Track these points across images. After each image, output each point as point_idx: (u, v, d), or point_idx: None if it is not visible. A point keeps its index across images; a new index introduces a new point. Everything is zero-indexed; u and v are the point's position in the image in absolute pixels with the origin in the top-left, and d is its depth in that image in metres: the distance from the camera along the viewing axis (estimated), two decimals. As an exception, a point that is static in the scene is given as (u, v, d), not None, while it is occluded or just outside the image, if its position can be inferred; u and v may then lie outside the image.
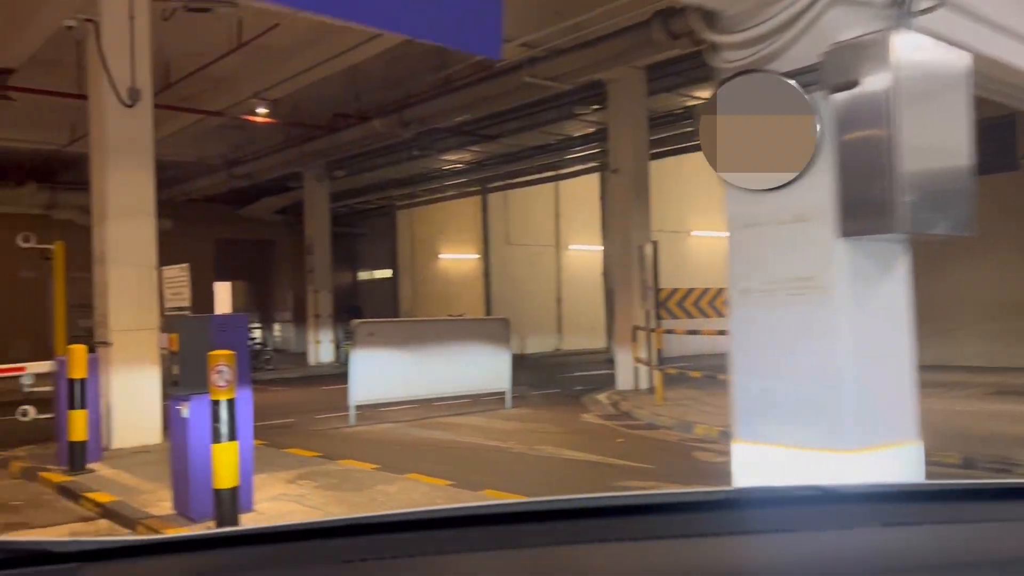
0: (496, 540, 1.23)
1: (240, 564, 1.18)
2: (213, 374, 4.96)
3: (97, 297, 8.67)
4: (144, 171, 8.68)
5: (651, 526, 1.29)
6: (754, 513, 1.38)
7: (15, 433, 9.54)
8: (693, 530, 1.27)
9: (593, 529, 1.26)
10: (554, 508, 1.29)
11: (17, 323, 22.10)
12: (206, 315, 5.83)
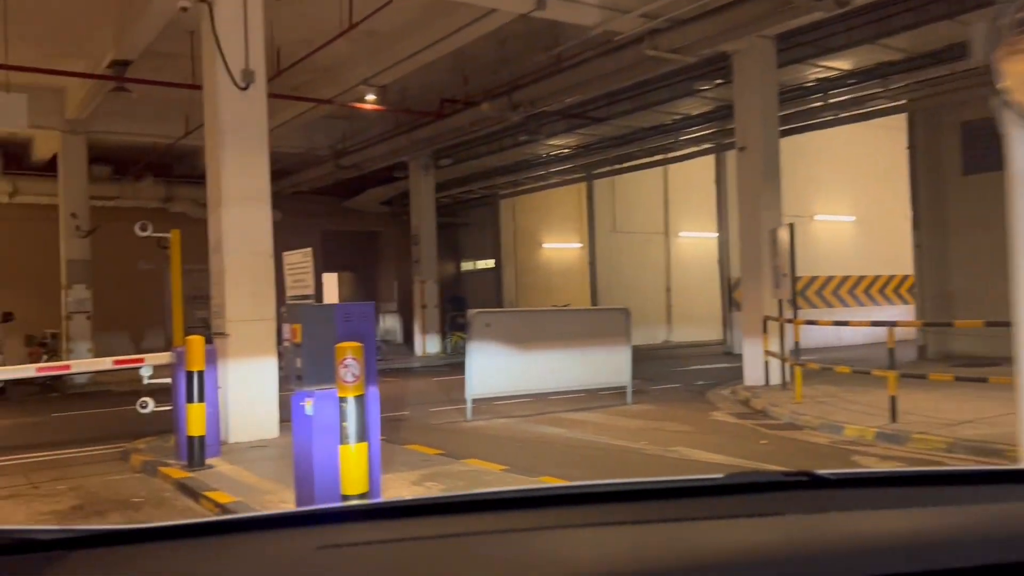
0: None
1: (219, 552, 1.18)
2: (340, 368, 4.48)
3: (214, 286, 8.44)
4: (258, 155, 8.39)
5: (646, 511, 1.34)
6: (743, 498, 1.42)
7: (135, 424, 9.49)
8: (688, 514, 1.32)
9: (596, 513, 1.32)
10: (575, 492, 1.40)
11: (135, 315, 22.78)
12: (330, 304, 5.39)
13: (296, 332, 5.22)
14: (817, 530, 1.24)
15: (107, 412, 12.15)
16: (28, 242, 21.04)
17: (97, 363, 7.06)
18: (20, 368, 8.13)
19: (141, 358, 7.41)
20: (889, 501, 1.38)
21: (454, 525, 1.29)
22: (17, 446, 9.08)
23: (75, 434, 10.25)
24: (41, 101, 16.08)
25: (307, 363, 5.08)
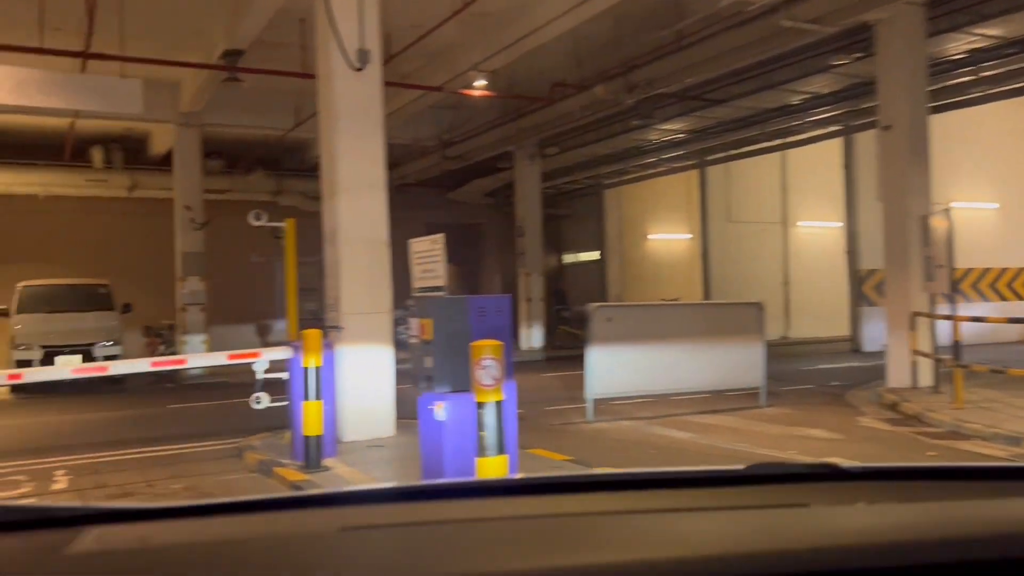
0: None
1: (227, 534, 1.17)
2: (477, 369, 3.93)
3: (328, 278, 8.09)
4: (374, 139, 7.97)
5: (673, 499, 1.34)
6: (767, 488, 1.42)
7: (249, 418, 9.27)
8: (711, 504, 1.32)
9: (622, 500, 1.33)
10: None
11: (247, 308, 23.14)
12: (463, 297, 4.85)
13: (426, 328, 4.71)
14: (839, 520, 1.23)
15: (221, 405, 12.11)
16: (146, 235, 21.60)
17: (212, 357, 6.78)
18: (136, 362, 7.99)
19: (256, 352, 7.09)
20: (915, 494, 1.37)
21: (480, 509, 1.28)
22: (134, 439, 8.99)
23: (190, 428, 10.16)
24: (157, 94, 16.31)
25: (438, 362, 4.56)
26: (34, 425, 10.66)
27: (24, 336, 14.38)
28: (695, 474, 1.49)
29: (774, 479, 1.45)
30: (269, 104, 16.92)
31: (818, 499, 1.33)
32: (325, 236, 8.10)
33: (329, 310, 8.07)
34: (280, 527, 1.19)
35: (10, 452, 8.57)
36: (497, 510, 1.27)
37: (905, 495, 1.35)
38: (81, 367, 6.45)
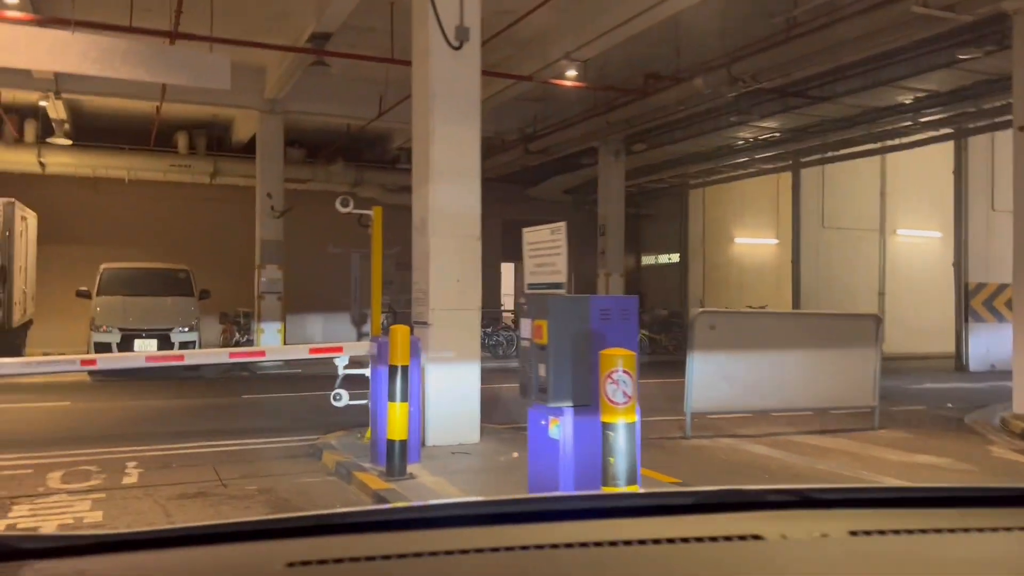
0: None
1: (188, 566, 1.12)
2: (608, 383, 3.31)
3: (416, 270, 7.58)
4: (470, 123, 7.43)
5: (602, 531, 1.22)
6: (725, 518, 1.32)
7: (326, 413, 8.87)
8: (654, 535, 1.21)
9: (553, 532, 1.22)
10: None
11: (322, 298, 23.03)
12: (584, 296, 4.23)
13: (541, 331, 4.10)
14: (798, 558, 1.18)
15: (296, 397, 11.79)
16: (226, 222, 21.68)
17: (292, 351, 6.36)
18: (213, 352, 7.62)
19: (338, 347, 6.62)
20: (895, 525, 1.27)
21: (444, 540, 1.19)
22: (207, 431, 8.66)
23: (264, 421, 9.82)
24: (242, 80, 16.16)
25: (554, 371, 3.95)
26: (108, 410, 10.48)
27: (103, 318, 14.36)
28: (639, 499, 1.39)
29: (727, 507, 1.35)
30: (353, 92, 16.63)
31: (775, 530, 1.23)
32: (414, 226, 7.60)
33: (416, 304, 7.56)
34: (223, 561, 1.13)
35: (84, 438, 8.32)
36: (621, 532, 1.20)
37: (880, 526, 1.24)
38: (155, 355, 6.08)
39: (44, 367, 5.49)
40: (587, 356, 3.53)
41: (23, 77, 14.43)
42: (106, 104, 17.98)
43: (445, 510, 1.37)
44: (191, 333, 14.79)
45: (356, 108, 16.87)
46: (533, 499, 1.41)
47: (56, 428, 9.02)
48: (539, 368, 4.09)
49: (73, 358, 5.82)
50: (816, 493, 1.40)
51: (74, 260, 18.86)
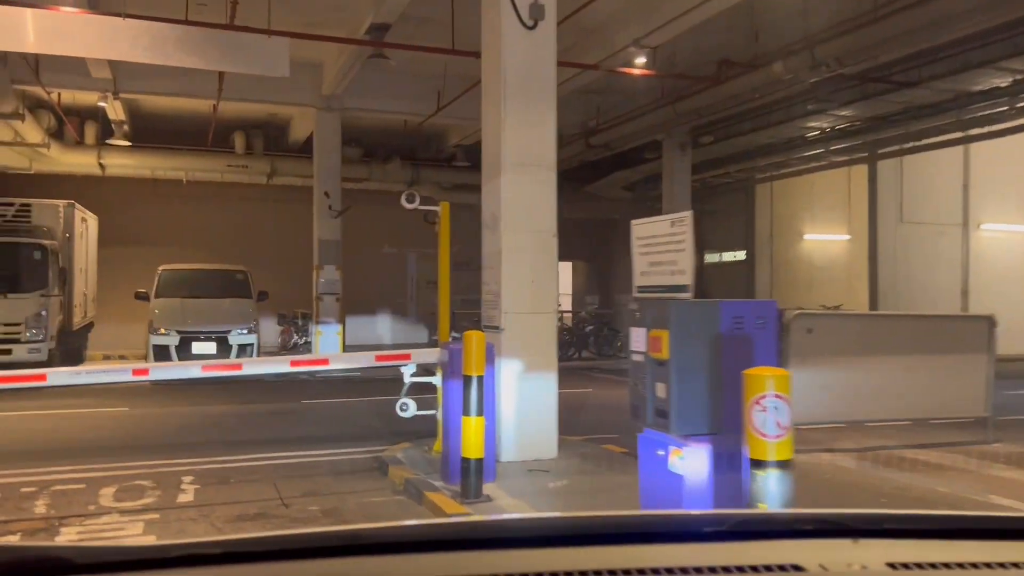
0: None
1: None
2: (755, 410, 2.69)
3: (486, 270, 7.01)
4: (545, 110, 6.84)
5: (632, 557, 1.19)
6: (761, 546, 1.28)
7: (389, 419, 8.37)
8: (689, 562, 1.18)
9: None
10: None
11: (379, 299, 22.73)
12: (711, 301, 3.60)
13: (660, 343, 3.47)
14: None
15: (357, 402, 11.35)
16: (283, 222, 21.51)
17: (357, 358, 5.85)
18: (274, 361, 7.17)
19: (406, 354, 6.09)
20: (940, 556, 1.24)
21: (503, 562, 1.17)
22: (265, 441, 8.23)
23: (325, 428, 9.37)
24: (299, 76, 15.81)
25: (677, 391, 3.32)
26: (166, 416, 10.16)
27: (161, 320, 14.16)
28: (666, 524, 1.35)
29: (762, 535, 1.31)
30: (410, 88, 16.19)
31: (814, 560, 1.19)
32: (484, 223, 7.02)
33: (487, 308, 6.99)
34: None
35: (140, 448, 7.96)
36: (654, 558, 1.16)
37: (919, 558, 1.20)
38: (212, 364, 5.62)
39: (94, 377, 5.06)
40: (718, 374, 2.90)
41: (82, 77, 14.31)
42: (164, 104, 17.89)
43: (504, 529, 1.33)
44: (250, 335, 14.50)
45: (414, 104, 16.43)
46: (553, 519, 1.46)
47: (112, 436, 8.69)
48: (657, 387, 3.45)
49: (125, 367, 5.39)
50: (852, 521, 1.37)
51: (134, 262, 18.82)
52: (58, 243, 14.09)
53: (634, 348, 3.75)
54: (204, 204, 21.08)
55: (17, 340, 12.83)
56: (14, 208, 14.12)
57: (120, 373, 5.30)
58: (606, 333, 18.84)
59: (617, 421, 9.21)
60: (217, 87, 14.05)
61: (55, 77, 14.15)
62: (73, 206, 15.06)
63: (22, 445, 8.12)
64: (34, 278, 13.17)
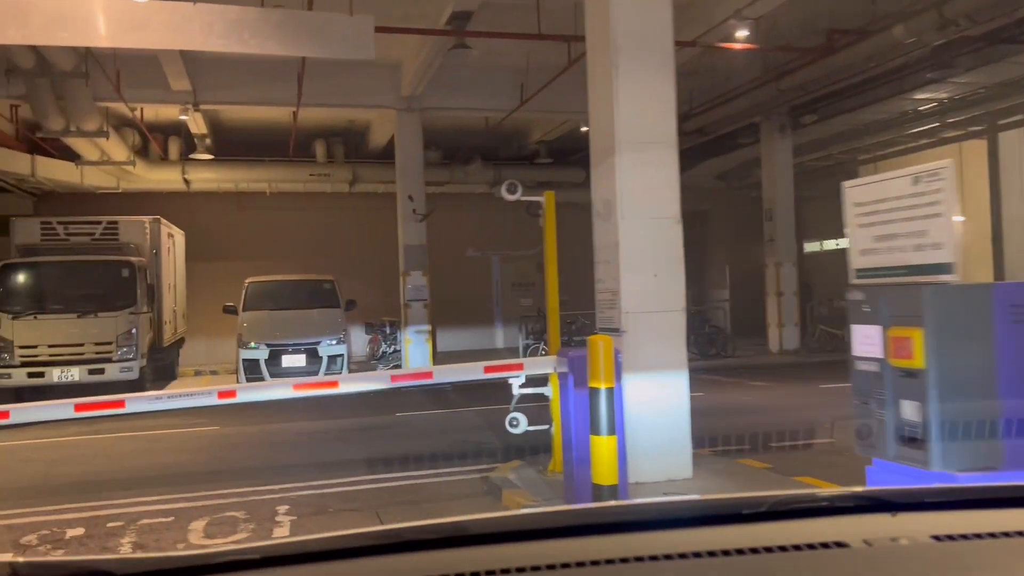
0: None
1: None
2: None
3: (600, 265, 6.20)
4: (663, 78, 5.99)
5: (682, 541, 1.20)
6: (793, 525, 1.29)
7: (493, 434, 7.69)
8: (733, 544, 1.18)
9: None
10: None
11: (463, 305, 22.17)
12: (978, 286, 2.71)
13: (908, 345, 2.58)
14: (890, 564, 1.15)
15: (453, 414, 10.71)
16: (367, 230, 21.18)
17: (464, 370, 5.13)
18: (371, 376, 6.54)
19: (518, 364, 5.35)
20: (984, 526, 1.24)
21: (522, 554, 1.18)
22: (363, 461, 7.61)
23: (425, 444, 8.72)
24: (378, 78, 15.44)
25: (939, 412, 2.45)
26: (255, 435, 9.70)
27: (250, 334, 13.85)
28: (696, 508, 1.36)
29: (800, 513, 1.32)
30: (491, 83, 15.54)
31: (857, 536, 1.19)
32: (596, 212, 6.21)
33: (600, 308, 6.17)
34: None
35: (231, 472, 7.46)
36: (696, 542, 1.18)
37: (963, 529, 1.21)
38: (304, 383, 4.98)
39: (177, 403, 4.50)
40: (993, 385, 2.03)
41: (162, 91, 14.16)
42: (244, 116, 17.74)
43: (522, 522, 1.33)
44: (339, 346, 14.08)
45: (495, 100, 15.77)
46: (575, 511, 1.45)
47: (202, 459, 8.23)
48: (902, 406, 2.58)
49: (210, 389, 4.80)
50: (891, 496, 1.36)
51: (221, 276, 18.75)
52: (146, 259, 13.94)
53: (861, 352, 2.87)
54: (288, 215, 20.93)
55: (108, 359, 12.67)
56: (101, 226, 14.05)
57: (205, 397, 4.71)
58: (708, 331, 17.73)
59: (739, 428, 8.26)
60: (296, 92, 13.66)
61: (136, 93, 14.02)
62: (159, 221, 14.93)
63: (111, 472, 7.73)
64: (123, 296, 13.01)
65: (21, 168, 16.46)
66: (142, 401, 4.76)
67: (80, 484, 7.13)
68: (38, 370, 12.38)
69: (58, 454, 8.57)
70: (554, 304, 6.36)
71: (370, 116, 18.37)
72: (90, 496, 6.55)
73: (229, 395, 4.73)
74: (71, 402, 4.64)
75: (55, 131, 13.88)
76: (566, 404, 5.26)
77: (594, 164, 6.24)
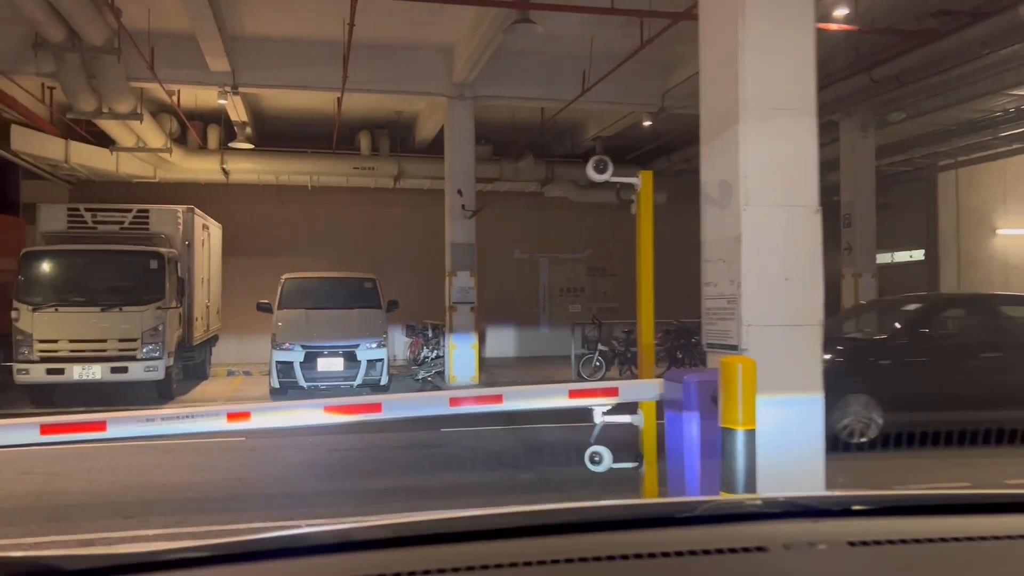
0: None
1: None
2: None
3: (711, 264, 4.94)
4: (799, 27, 4.72)
5: (611, 543, 1.24)
6: (729, 529, 1.32)
7: (553, 460, 6.51)
8: (660, 547, 1.21)
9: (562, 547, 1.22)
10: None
11: (510, 310, 21.03)
12: None
13: None
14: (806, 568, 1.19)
15: (506, 432, 9.50)
16: (410, 228, 20.22)
17: (542, 393, 3.95)
18: (428, 400, 5.38)
19: (612, 389, 4.13)
20: (901, 533, 1.28)
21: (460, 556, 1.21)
22: (408, 490, 6.45)
23: (477, 471, 7.54)
24: (428, 64, 14.37)
25: None
26: (284, 450, 8.59)
27: (284, 333, 12.82)
28: (633, 512, 1.40)
29: (726, 518, 1.36)
30: (550, 71, 14.37)
31: (778, 540, 1.24)
32: (707, 196, 4.96)
33: (709, 318, 4.92)
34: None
35: (248, 501, 6.35)
36: (624, 544, 1.23)
37: (877, 535, 1.24)
38: (337, 406, 3.84)
39: (172, 426, 3.37)
40: None
41: (199, 71, 13.24)
42: (286, 104, 16.82)
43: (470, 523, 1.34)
44: (379, 349, 12.99)
45: (553, 89, 14.58)
46: (528, 512, 1.30)
47: (220, 480, 7.14)
48: None
49: (218, 410, 3.71)
50: (817, 503, 1.41)
51: (259, 272, 17.86)
52: (176, 251, 12.99)
53: None
54: (329, 210, 20.01)
55: (133, 357, 11.72)
56: (131, 214, 13.13)
57: (210, 419, 3.58)
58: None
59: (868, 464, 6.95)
60: (341, 76, 12.63)
61: (172, 72, 13.11)
62: (192, 211, 13.99)
63: (113, 492, 6.67)
64: (150, 289, 12.05)
65: (54, 153, 15.72)
66: (130, 424, 3.64)
67: (75, 507, 6.08)
68: (57, 366, 11.47)
69: (61, 466, 7.55)
70: (648, 309, 5.10)
71: (418, 107, 17.33)
72: (82, 524, 5.50)
73: (241, 418, 3.59)
74: (36, 422, 3.54)
75: (87, 112, 13.02)
76: (676, 445, 4.03)
77: (705, 139, 4.99)
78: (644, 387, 4.41)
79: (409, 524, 1.33)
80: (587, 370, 14.76)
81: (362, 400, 4.06)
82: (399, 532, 1.28)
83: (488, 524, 1.31)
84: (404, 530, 1.30)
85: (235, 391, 13.87)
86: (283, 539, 1.26)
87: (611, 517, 1.34)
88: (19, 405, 11.67)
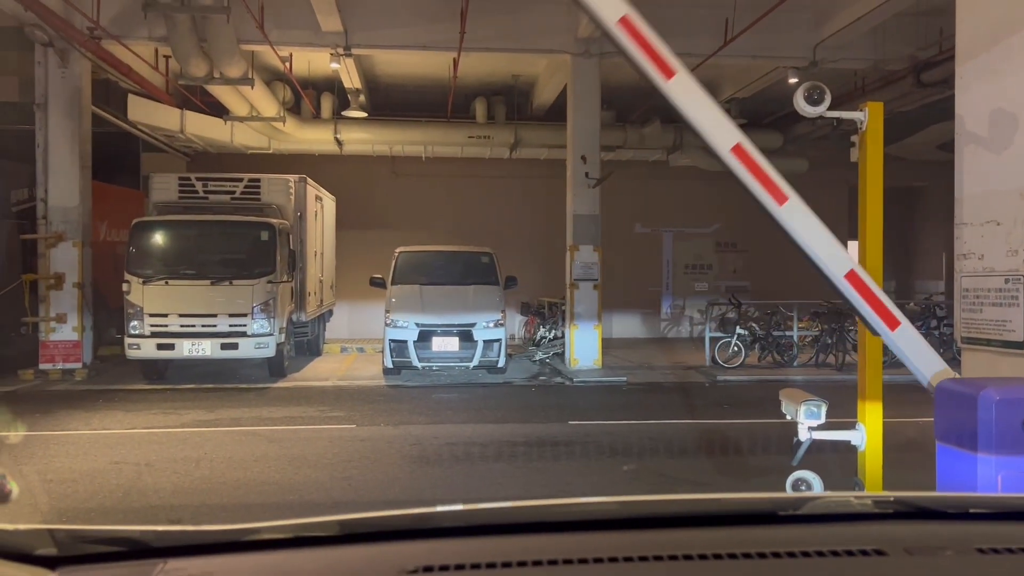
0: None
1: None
2: None
3: (966, 227, 3.58)
4: None
5: (686, 541, 1.15)
6: (829, 529, 1.23)
7: (716, 462, 5.34)
8: (766, 547, 1.11)
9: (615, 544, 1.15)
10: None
11: (630, 288, 19.71)
12: None
13: None
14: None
15: (645, 428, 8.32)
16: (527, 200, 19.21)
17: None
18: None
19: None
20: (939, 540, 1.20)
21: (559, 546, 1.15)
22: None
23: (619, 479, 6.41)
24: (551, 17, 13.16)
25: None
26: (394, 440, 7.71)
27: (398, 310, 12.03)
28: (728, 507, 1.29)
29: (838, 518, 1.27)
30: (688, 22, 12.87)
31: (897, 544, 1.13)
32: (961, 135, 3.61)
33: (970, 304, 3.58)
34: (335, 564, 1.14)
35: (352, 508, 5.43)
36: (731, 543, 1.14)
37: (1009, 543, 1.12)
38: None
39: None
40: None
41: (311, 32, 12.52)
42: (399, 71, 16.01)
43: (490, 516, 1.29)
44: (497, 329, 12.04)
45: (690, 42, 13.04)
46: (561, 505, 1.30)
47: (324, 480, 6.28)
48: None
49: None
50: (936, 504, 1.32)
51: (373, 245, 17.28)
52: (288, 222, 12.39)
53: None
54: (444, 181, 19.22)
55: (243, 333, 11.17)
56: (242, 184, 12.60)
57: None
58: (939, 334, 14.29)
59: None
60: (459, 32, 11.62)
61: (282, 34, 12.44)
62: (305, 181, 13.37)
63: (206, 490, 5.90)
64: (261, 262, 11.47)
65: (170, 124, 15.50)
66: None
67: (162, 509, 5.33)
68: (167, 342, 11.04)
69: (159, 454, 6.90)
70: (876, 278, 3.79)
71: (536, 69, 16.17)
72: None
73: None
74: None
75: (198, 77, 12.53)
76: (949, 486, 2.77)
77: (961, 58, 3.65)
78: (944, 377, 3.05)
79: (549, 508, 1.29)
80: (723, 355, 13.36)
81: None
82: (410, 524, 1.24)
83: (614, 513, 1.27)
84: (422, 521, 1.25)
85: (348, 369, 13.25)
86: (369, 521, 1.23)
87: (707, 511, 1.26)
88: (132, 380, 11.36)
